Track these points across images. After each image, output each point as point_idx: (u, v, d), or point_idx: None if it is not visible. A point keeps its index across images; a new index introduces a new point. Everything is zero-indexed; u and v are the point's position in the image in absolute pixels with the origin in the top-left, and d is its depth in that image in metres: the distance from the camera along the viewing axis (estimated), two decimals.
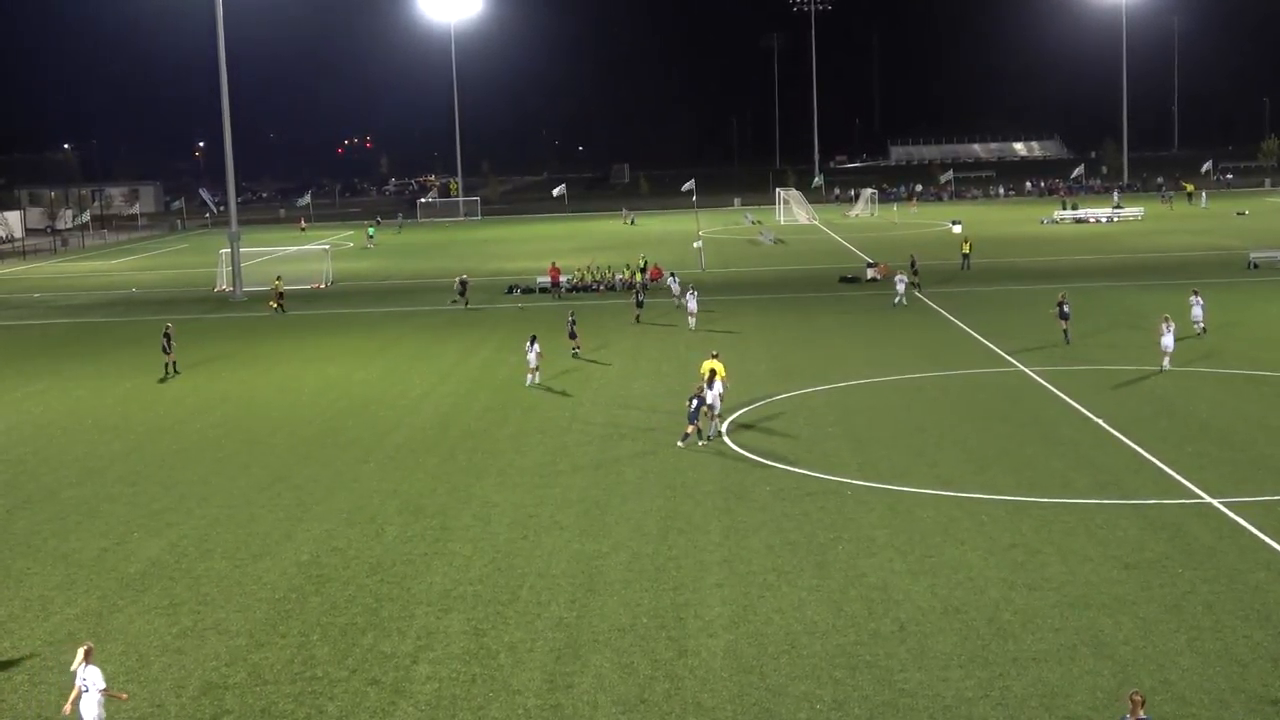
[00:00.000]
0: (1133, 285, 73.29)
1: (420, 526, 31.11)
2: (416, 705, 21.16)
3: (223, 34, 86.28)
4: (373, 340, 63.18)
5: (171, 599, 26.60)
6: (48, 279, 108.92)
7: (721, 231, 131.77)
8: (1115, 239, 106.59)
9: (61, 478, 37.47)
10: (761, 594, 25.54)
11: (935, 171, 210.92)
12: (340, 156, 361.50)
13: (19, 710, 21.54)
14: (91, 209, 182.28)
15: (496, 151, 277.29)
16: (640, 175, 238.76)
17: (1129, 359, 49.26)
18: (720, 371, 40.80)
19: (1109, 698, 20.40)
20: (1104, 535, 28.37)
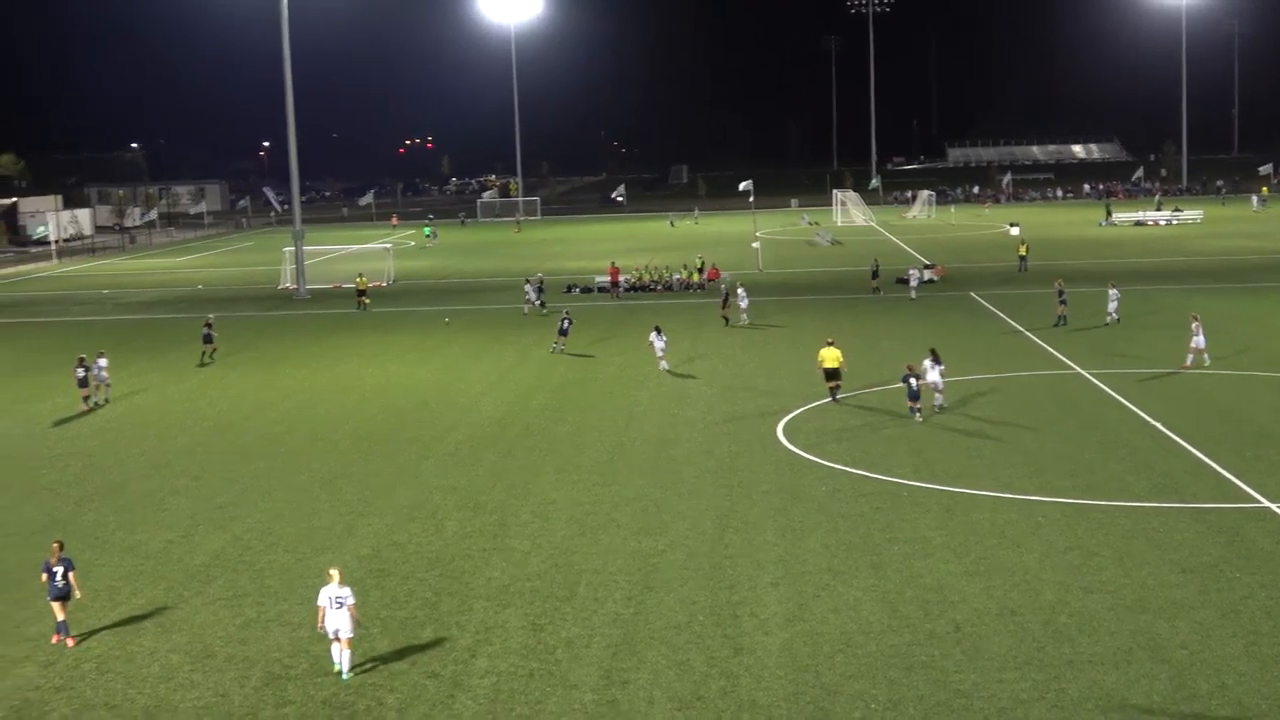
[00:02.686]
0: (1191, 288, 72.49)
1: (479, 522, 31.25)
2: (475, 698, 21.26)
3: (287, 36, 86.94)
4: (432, 338, 63.49)
5: (236, 591, 26.86)
6: (116, 276, 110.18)
7: (779, 232, 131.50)
8: (1174, 242, 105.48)
9: (129, 471, 37.90)
10: (817, 593, 25.48)
11: (993, 174, 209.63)
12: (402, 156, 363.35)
13: (87, 697, 21.81)
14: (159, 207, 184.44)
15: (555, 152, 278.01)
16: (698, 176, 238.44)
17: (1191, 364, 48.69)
18: (839, 357, 43.49)
19: (1165, 701, 20.22)
20: (1161, 539, 28.11)
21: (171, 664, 23.13)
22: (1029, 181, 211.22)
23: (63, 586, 24.13)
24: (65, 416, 46.31)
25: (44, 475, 37.78)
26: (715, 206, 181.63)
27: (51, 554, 24.43)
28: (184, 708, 21.29)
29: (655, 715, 20.42)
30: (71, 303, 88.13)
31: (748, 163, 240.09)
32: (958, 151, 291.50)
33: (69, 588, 24.17)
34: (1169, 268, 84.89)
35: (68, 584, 24.15)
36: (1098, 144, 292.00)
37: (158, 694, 21.84)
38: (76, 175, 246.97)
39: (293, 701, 21.38)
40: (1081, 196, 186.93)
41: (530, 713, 20.67)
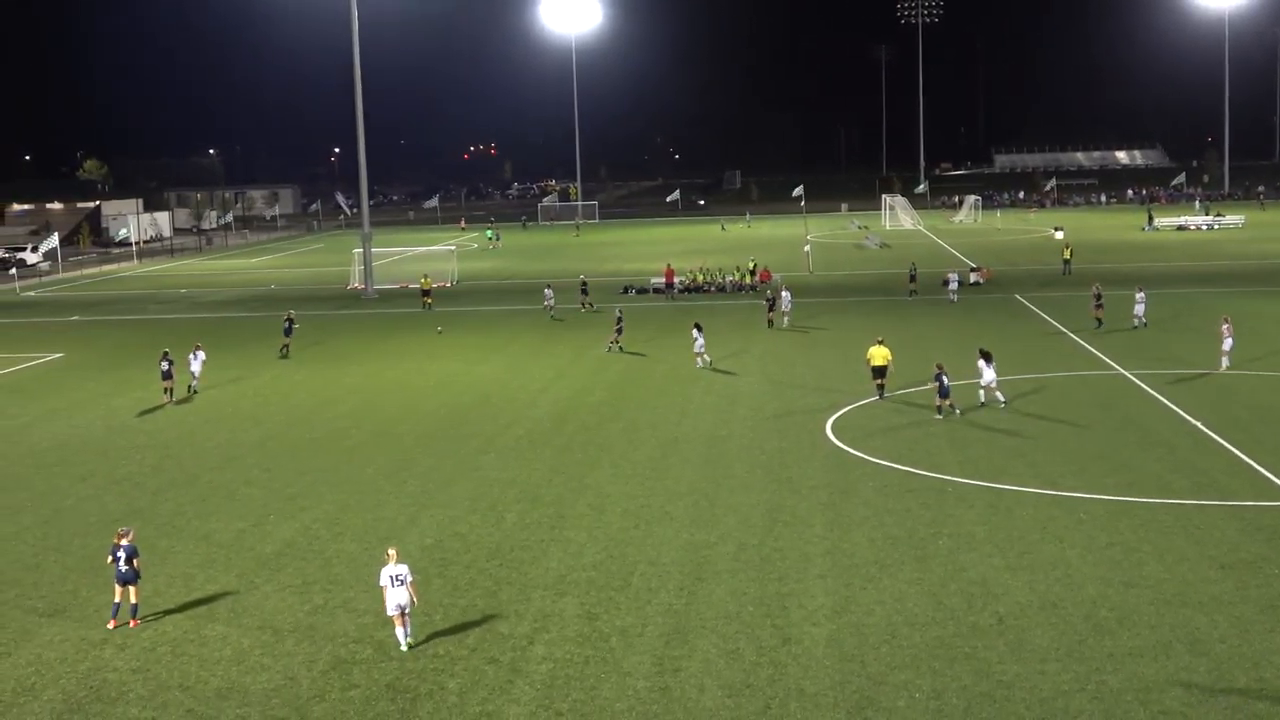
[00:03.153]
0: (1232, 291, 71.63)
1: (537, 514, 31.32)
2: (532, 684, 21.30)
3: (357, 47, 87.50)
4: (493, 337, 63.71)
5: (304, 578, 27.04)
6: (193, 276, 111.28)
7: (829, 236, 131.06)
8: (1216, 246, 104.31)
9: (204, 463, 38.26)
10: (863, 586, 25.37)
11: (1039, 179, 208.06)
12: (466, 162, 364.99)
13: (162, 679, 22.02)
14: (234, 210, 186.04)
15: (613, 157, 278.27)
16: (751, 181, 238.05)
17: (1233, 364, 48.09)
18: (888, 356, 43.70)
19: (1204, 694, 19.99)
20: (1201, 536, 27.79)
21: (242, 648, 23.32)
22: (1073, 187, 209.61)
23: (126, 571, 24.35)
24: (146, 410, 46.81)
25: (124, 466, 38.20)
26: (767, 211, 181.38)
27: (117, 540, 24.69)
28: (254, 689, 21.46)
29: (705, 702, 20.39)
30: (151, 302, 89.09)
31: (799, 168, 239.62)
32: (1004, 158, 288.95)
33: (132, 573, 24.41)
34: (1210, 271, 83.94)
35: (132, 569, 24.39)
36: (1140, 150, 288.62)
37: (229, 676, 22.03)
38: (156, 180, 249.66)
39: (358, 685, 21.51)
40: (1125, 201, 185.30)
41: (585, 698, 20.70)
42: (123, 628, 24.25)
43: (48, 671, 22.59)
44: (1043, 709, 19.73)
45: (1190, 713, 19.42)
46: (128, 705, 21.04)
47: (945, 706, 19.93)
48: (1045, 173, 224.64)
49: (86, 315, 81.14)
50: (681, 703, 20.39)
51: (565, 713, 20.22)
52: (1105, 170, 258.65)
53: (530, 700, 20.69)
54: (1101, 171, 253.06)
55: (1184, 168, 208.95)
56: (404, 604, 22.93)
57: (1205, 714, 19.34)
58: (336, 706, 20.73)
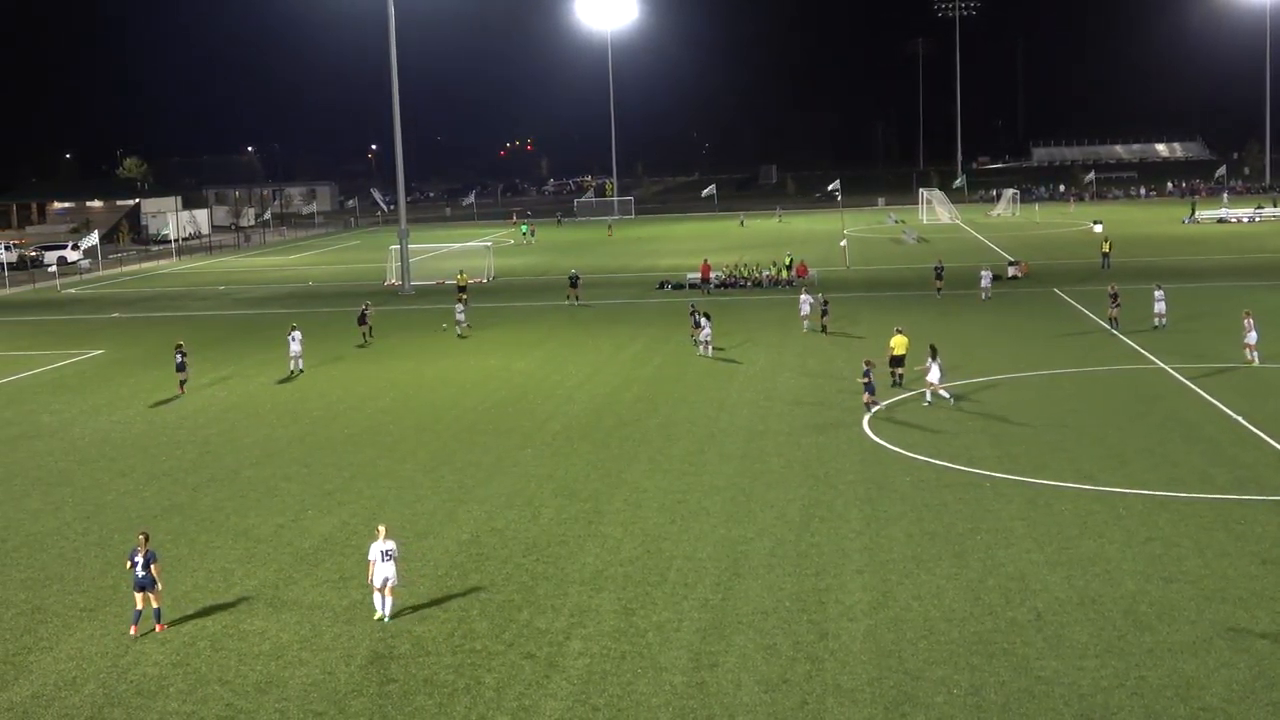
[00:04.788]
0: (1273, 285, 70.96)
1: (574, 510, 31.35)
2: (569, 679, 21.33)
3: (394, 45, 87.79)
4: (530, 333, 63.80)
5: (342, 573, 27.15)
6: (232, 272, 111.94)
7: (866, 230, 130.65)
8: (1257, 239, 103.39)
9: (242, 458, 38.48)
10: (901, 581, 25.28)
11: (1078, 173, 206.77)
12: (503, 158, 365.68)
13: (201, 673, 22.16)
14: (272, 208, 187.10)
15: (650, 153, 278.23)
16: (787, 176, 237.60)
17: (1270, 358, 47.71)
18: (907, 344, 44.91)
19: (1245, 690, 19.82)
20: (1242, 530, 27.56)
21: (281, 642, 23.44)
22: (1112, 180, 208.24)
23: (143, 577, 24.02)
24: (185, 405, 47.12)
25: (164, 461, 38.46)
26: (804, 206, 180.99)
27: (139, 544, 24.38)
28: (293, 684, 21.57)
29: (742, 697, 20.37)
30: (190, 298, 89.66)
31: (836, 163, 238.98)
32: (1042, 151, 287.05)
33: (150, 579, 24.05)
34: (1251, 265, 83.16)
35: (149, 575, 24.04)
36: (1181, 143, 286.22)
37: (268, 671, 22.15)
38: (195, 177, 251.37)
39: (395, 680, 21.59)
40: (1165, 194, 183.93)
41: (622, 693, 20.71)
42: (149, 634, 24.02)
43: (88, 665, 22.77)
44: (1082, 705, 19.61)
45: (1231, 709, 19.26)
46: (167, 699, 21.18)
47: (983, 702, 19.84)
48: (1084, 166, 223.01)
49: (126, 312, 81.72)
50: (718, 698, 20.38)
51: (602, 708, 20.24)
52: (1145, 163, 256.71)
53: (567, 695, 20.72)
54: (1141, 164, 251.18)
55: (1225, 160, 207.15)
56: (390, 577, 24.16)
57: (1246, 711, 19.17)
58: (374, 701, 20.81)
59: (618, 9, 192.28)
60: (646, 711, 20.05)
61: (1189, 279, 74.86)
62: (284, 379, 52.17)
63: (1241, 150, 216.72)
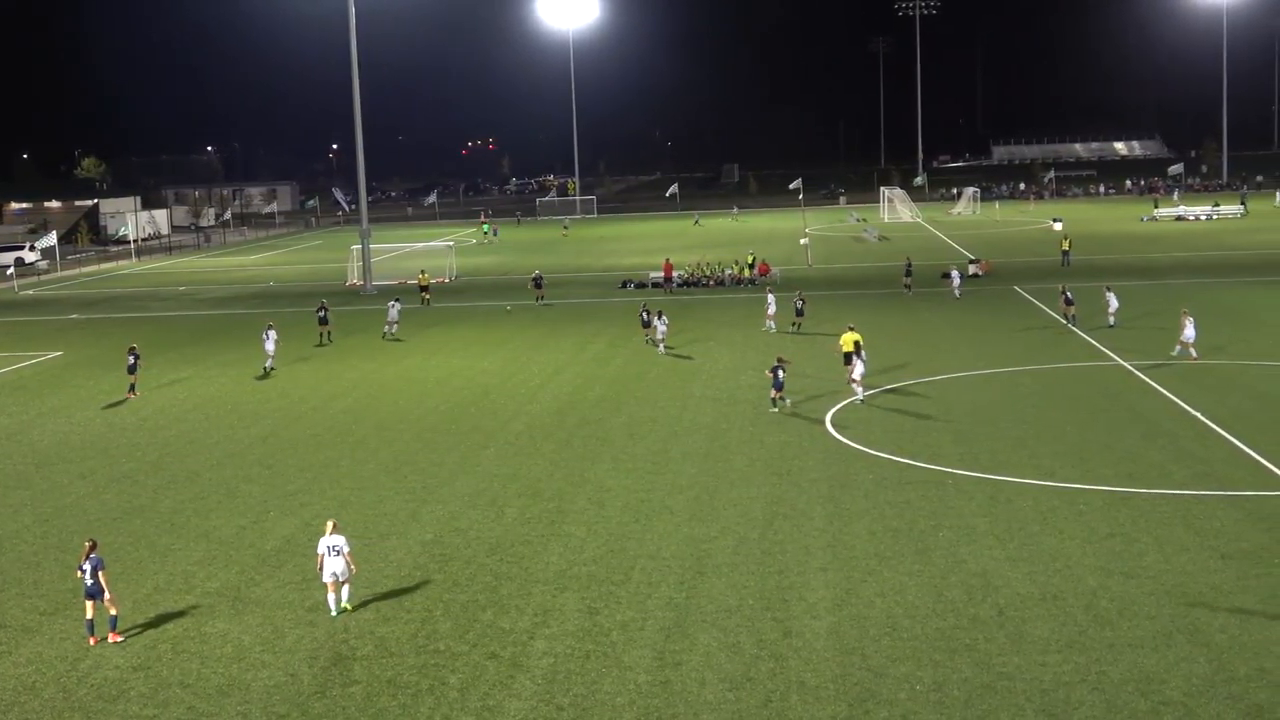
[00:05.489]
0: (1230, 282, 71.66)
1: (538, 509, 31.32)
2: (533, 679, 21.31)
3: (355, 43, 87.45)
4: (493, 332, 63.69)
5: (305, 574, 27.01)
6: (192, 273, 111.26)
7: (827, 229, 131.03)
8: (1214, 237, 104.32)
9: (203, 460, 38.25)
10: (864, 578, 25.37)
11: (1037, 171, 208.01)
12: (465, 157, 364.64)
13: (162, 677, 22.02)
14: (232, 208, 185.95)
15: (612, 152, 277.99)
16: (749, 175, 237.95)
17: (1229, 354, 48.17)
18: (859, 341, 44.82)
19: (1205, 684, 19.99)
20: (1201, 526, 27.80)
21: (244, 645, 23.32)
22: (1072, 178, 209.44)
23: (91, 585, 23.63)
24: (147, 406, 46.81)
25: (124, 464, 38.19)
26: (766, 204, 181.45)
27: (84, 552, 23.95)
28: (255, 686, 21.46)
29: (707, 695, 20.40)
30: (150, 299, 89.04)
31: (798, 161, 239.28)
32: (1002, 149, 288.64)
33: (98, 587, 23.59)
34: (1208, 263, 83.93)
35: (97, 583, 23.58)
36: (1139, 141, 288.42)
37: (230, 674, 22.03)
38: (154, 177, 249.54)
39: (359, 681, 21.51)
40: (1123, 192, 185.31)
41: (586, 693, 20.70)
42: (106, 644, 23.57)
43: (47, 670, 22.59)
44: (1043, 700, 19.73)
45: (1191, 703, 19.42)
46: (128, 703, 21.04)
47: (946, 699, 19.94)
48: (1044, 164, 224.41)
49: (85, 313, 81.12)
50: (682, 696, 20.40)
51: (566, 707, 20.23)
52: (1104, 161, 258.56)
53: (531, 695, 20.70)
54: (1100, 163, 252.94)
55: (1182, 158, 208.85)
56: (339, 572, 24.48)
57: (1206, 704, 19.34)
58: (338, 703, 20.73)
59: (579, 8, 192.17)
60: (611, 710, 20.06)
61: (1148, 276, 75.45)
62: (260, 377, 52.43)
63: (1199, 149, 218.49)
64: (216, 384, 51.45)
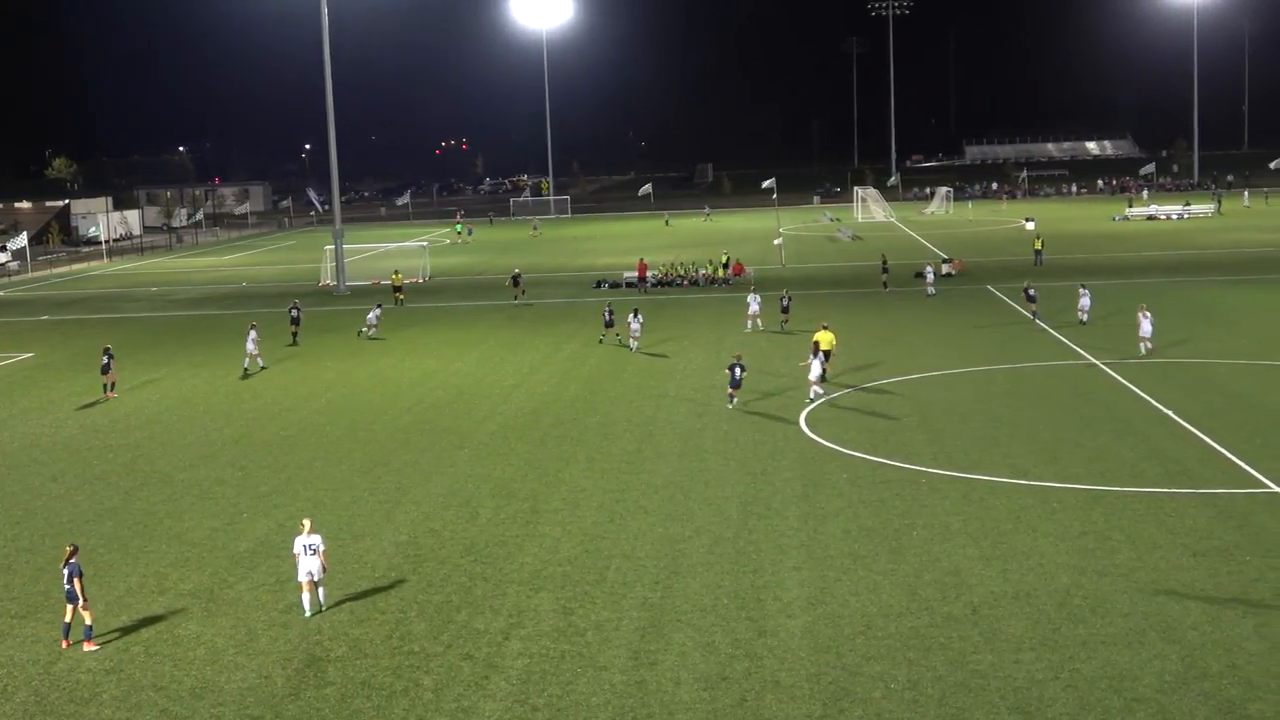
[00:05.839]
0: (1202, 281, 72.07)
1: (512, 510, 31.28)
2: (508, 679, 21.28)
3: (328, 42, 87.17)
4: (467, 333, 63.58)
5: (278, 576, 26.92)
6: (164, 274, 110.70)
7: (801, 229, 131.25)
8: (1186, 236, 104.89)
9: (176, 462, 38.08)
10: (838, 577, 25.42)
11: (1010, 170, 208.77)
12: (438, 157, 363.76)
13: (135, 679, 21.92)
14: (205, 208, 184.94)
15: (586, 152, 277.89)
16: (723, 175, 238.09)
17: (1200, 353, 48.47)
18: (833, 340, 45.69)
19: (1177, 680, 20.11)
20: (1173, 523, 27.95)
21: (217, 647, 23.22)
22: (1044, 178, 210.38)
23: (68, 590, 23.50)
24: (119, 408, 46.57)
25: (96, 465, 37.99)
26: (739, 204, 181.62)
27: (63, 556, 23.84)
28: (229, 689, 21.37)
29: (682, 695, 20.41)
30: (122, 300, 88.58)
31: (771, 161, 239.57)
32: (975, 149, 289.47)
33: (72, 593, 23.43)
34: (1180, 261, 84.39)
35: (72, 589, 23.43)
36: (1111, 140, 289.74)
37: (203, 676, 21.94)
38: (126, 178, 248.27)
39: (333, 683, 21.45)
40: (1095, 192, 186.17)
41: (561, 693, 20.69)
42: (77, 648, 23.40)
43: (20, 673, 22.46)
44: (1017, 698, 19.81)
45: (1163, 700, 19.52)
46: (101, 706, 20.93)
47: (921, 697, 19.99)
48: (1016, 164, 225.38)
49: (56, 314, 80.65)
50: (658, 696, 20.40)
51: (541, 708, 20.21)
52: (1076, 161, 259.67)
53: (506, 696, 20.67)
54: (1072, 162, 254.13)
55: (1154, 158, 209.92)
56: (314, 571, 24.46)
57: (1179, 701, 19.45)
58: (311, 704, 20.66)
59: (553, 8, 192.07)
60: (586, 711, 20.05)
61: (1120, 275, 75.80)
62: (242, 376, 52.60)
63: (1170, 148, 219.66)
64: (189, 385, 51.22)
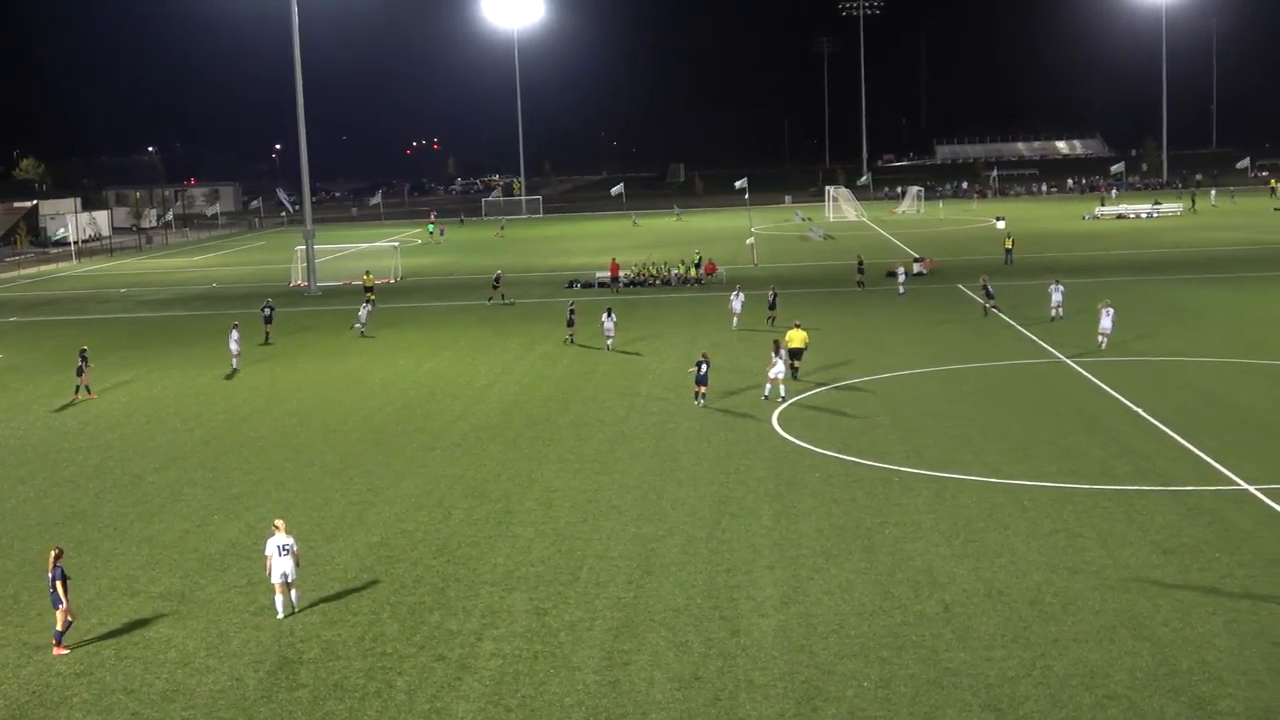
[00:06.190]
0: (1171, 279, 72.50)
1: (485, 510, 31.22)
2: (481, 680, 21.24)
3: (298, 42, 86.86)
4: (439, 333, 63.45)
5: (249, 578, 26.81)
6: (134, 275, 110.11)
7: (773, 228, 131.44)
8: (1155, 234, 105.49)
9: (146, 464, 37.87)
10: (811, 576, 25.46)
11: (980, 170, 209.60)
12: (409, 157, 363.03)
13: (106, 683, 21.78)
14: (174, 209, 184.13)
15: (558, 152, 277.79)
16: (695, 174, 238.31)
17: (1169, 351, 48.76)
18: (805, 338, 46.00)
19: (1148, 677, 20.21)
20: (1143, 521, 28.09)
21: (188, 650, 23.10)
22: (1014, 177, 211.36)
23: (51, 594, 23.23)
24: (88, 410, 46.30)
25: (65, 468, 37.75)
26: (712, 203, 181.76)
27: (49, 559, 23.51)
28: (200, 692, 21.26)
29: (655, 695, 20.40)
30: (91, 301, 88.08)
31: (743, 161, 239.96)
32: (946, 149, 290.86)
33: (55, 597, 23.11)
34: (1150, 260, 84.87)
35: (54, 593, 23.11)
36: (1080, 140, 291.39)
37: (174, 679, 21.82)
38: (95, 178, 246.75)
39: (305, 685, 21.36)
40: (1065, 191, 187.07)
41: (535, 693, 20.65)
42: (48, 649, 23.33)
43: None
44: (989, 695, 19.87)
45: (1134, 696, 19.62)
46: (71, 710, 20.79)
47: (893, 695, 20.04)
48: (987, 163, 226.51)
49: (25, 316, 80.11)
50: (631, 696, 20.39)
51: (514, 708, 20.17)
52: (1046, 160, 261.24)
53: (479, 697, 20.63)
54: (1042, 161, 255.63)
55: (1123, 157, 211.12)
56: (288, 573, 24.35)
57: (1149, 697, 19.54)
58: (284, 707, 20.57)
59: (524, 8, 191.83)
60: (559, 711, 20.02)
61: (1091, 274, 76.14)
62: (228, 375, 52.84)
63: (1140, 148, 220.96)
64: (159, 386, 50.95)
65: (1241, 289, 67.08)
